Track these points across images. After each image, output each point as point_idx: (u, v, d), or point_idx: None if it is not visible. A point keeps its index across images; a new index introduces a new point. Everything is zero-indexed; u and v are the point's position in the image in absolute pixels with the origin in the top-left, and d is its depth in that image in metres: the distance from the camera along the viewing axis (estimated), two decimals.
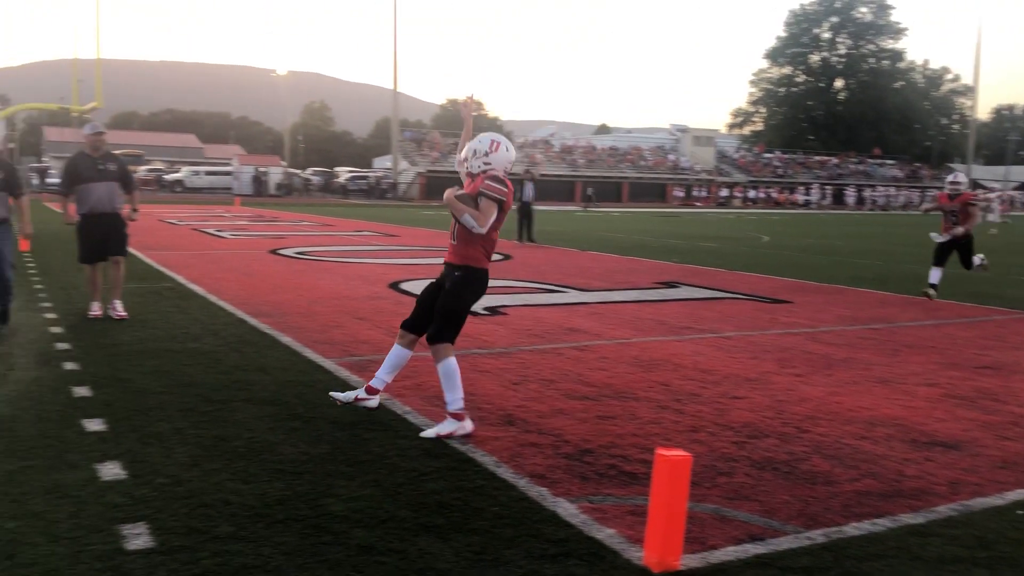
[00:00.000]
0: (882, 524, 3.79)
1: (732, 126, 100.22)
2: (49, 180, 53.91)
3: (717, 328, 8.74)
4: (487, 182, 4.89)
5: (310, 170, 73.52)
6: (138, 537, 3.39)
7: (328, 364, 6.59)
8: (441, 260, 5.28)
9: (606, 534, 3.57)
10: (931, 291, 11.30)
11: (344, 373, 6.30)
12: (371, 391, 5.18)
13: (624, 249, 19.11)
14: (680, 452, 3.28)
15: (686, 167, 74.57)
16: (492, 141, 5.05)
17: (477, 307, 9.57)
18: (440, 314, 4.98)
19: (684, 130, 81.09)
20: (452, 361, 4.93)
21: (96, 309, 8.39)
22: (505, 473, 4.26)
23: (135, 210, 8.65)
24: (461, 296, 4.99)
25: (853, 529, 3.72)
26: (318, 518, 3.64)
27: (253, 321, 8.40)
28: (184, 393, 5.60)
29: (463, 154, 5.15)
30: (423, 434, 4.84)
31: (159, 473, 4.11)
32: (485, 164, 5.00)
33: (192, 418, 5.04)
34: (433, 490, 4.00)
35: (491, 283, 5.24)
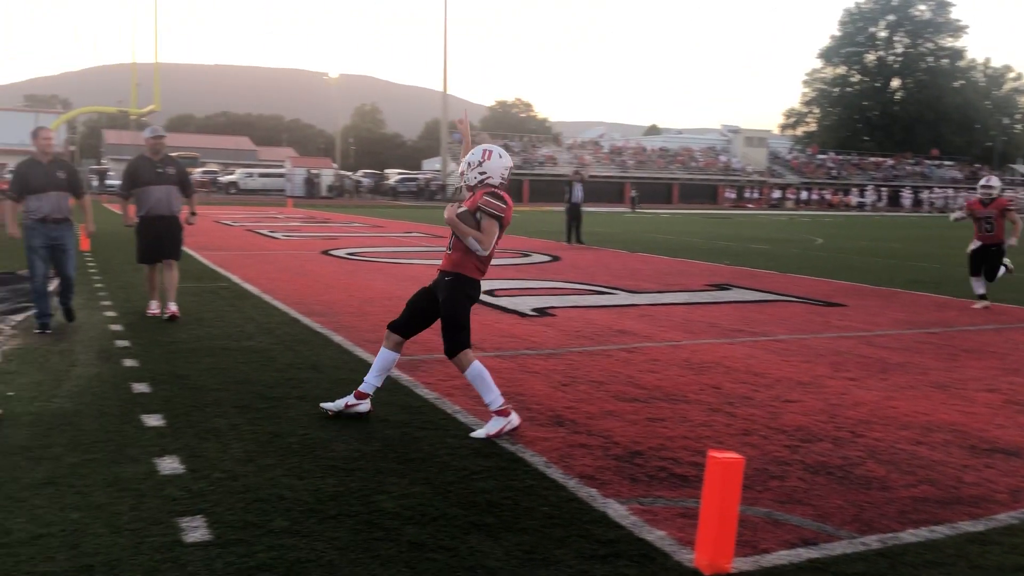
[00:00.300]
0: (940, 531, 3.71)
1: (785, 127, 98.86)
2: (108, 182, 55.27)
3: (769, 331, 8.64)
4: (486, 198, 4.91)
5: (360, 172, 74.27)
6: (196, 530, 3.47)
7: None
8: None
9: (656, 536, 3.56)
10: (981, 302, 10.75)
11: (394, 372, 6.36)
12: (360, 396, 5.18)
13: (674, 251, 18.97)
14: (732, 454, 3.25)
15: (737, 168, 73.76)
16: (484, 150, 5.04)
17: (525, 308, 9.61)
18: (445, 328, 5.04)
19: (736, 131, 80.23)
20: (476, 365, 4.98)
21: (154, 308, 8.58)
22: (555, 474, 4.26)
23: (193, 214, 8.78)
24: (458, 303, 5.03)
25: (910, 536, 3.65)
26: (370, 514, 3.68)
27: (306, 320, 8.52)
28: (240, 390, 5.71)
29: (460, 168, 5.17)
30: (474, 435, 4.87)
31: (216, 468, 4.19)
32: (480, 174, 5.00)
33: (247, 415, 5.14)
34: (483, 489, 4.02)
35: (540, 284, 5.26)
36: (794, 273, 14.52)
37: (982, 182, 11.20)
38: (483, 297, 10.40)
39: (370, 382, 5.18)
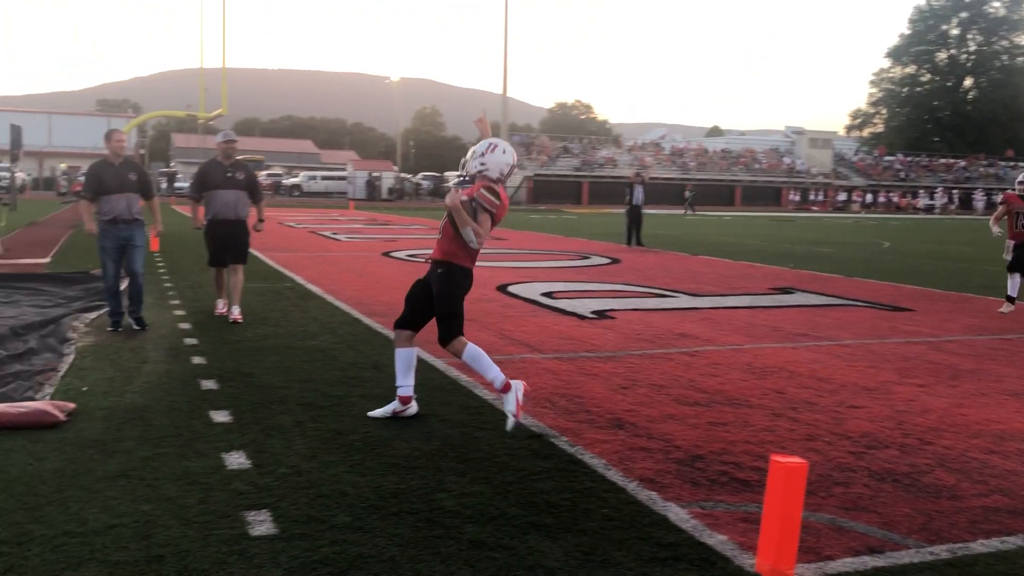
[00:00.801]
0: (1012, 542, 3.60)
1: (850, 128, 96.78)
2: (177, 184, 56.67)
3: (834, 336, 8.48)
4: (482, 191, 5.00)
5: (420, 175, 74.94)
6: (261, 524, 3.54)
7: (439, 363, 6.72)
8: (548, 264, 5.31)
9: (717, 540, 3.52)
10: (1008, 306, 10.20)
11: (454, 373, 6.41)
12: (405, 400, 5.22)
13: (737, 254, 18.73)
14: (796, 459, 3.20)
15: (802, 170, 72.52)
16: (490, 144, 5.15)
17: (585, 310, 9.60)
18: (440, 318, 5.11)
19: (800, 132, 78.89)
20: (471, 347, 5.07)
21: (221, 307, 8.78)
22: (614, 476, 4.25)
23: (261, 220, 8.79)
24: (452, 294, 5.13)
25: (980, 546, 3.55)
26: (431, 512, 3.72)
27: (367, 320, 8.63)
28: (303, 388, 5.81)
29: (467, 156, 5.26)
30: (509, 426, 4.91)
31: (281, 463, 4.28)
32: (481, 165, 5.11)
33: (311, 412, 5.23)
34: (542, 490, 4.03)
35: (599, 286, 5.26)
36: (860, 277, 14.22)
37: (1020, 177, 10.65)
38: (541, 299, 10.45)
39: (405, 384, 5.22)
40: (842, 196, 67.40)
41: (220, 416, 5.10)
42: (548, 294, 11.01)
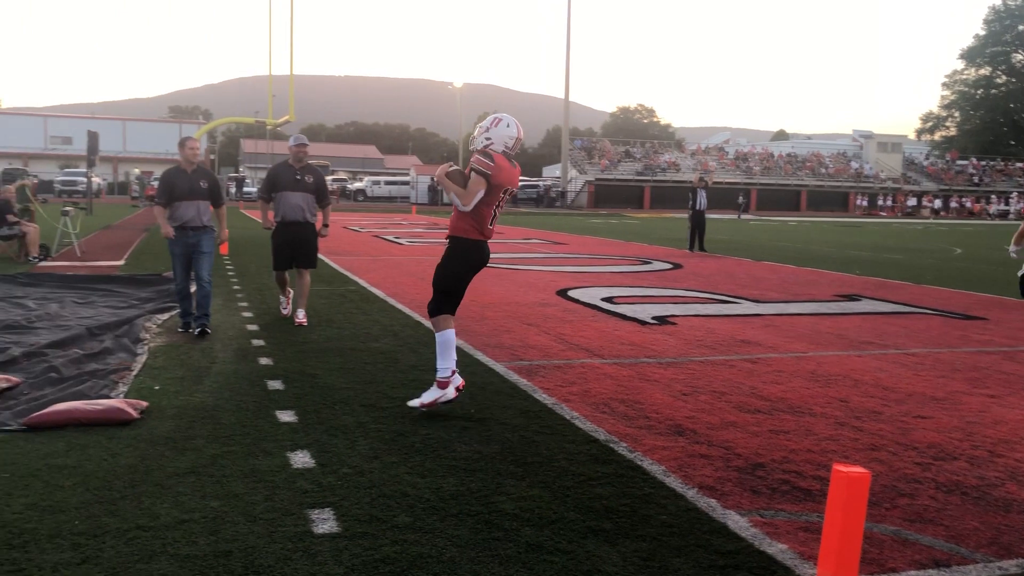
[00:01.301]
0: None
1: (921, 132, 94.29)
2: (246, 189, 57.95)
3: (901, 344, 8.29)
4: (477, 156, 5.19)
5: None
6: (325, 522, 3.63)
7: (499, 367, 6.77)
8: (608, 269, 5.34)
9: (778, 549, 3.49)
10: None
11: (513, 377, 6.45)
12: (443, 384, 5.34)
13: (802, 260, 18.43)
14: (859, 468, 3.16)
15: (870, 175, 70.98)
16: (494, 118, 5.34)
17: (645, 316, 9.56)
18: (434, 286, 5.39)
19: (868, 136, 77.23)
20: (448, 333, 5.31)
21: (286, 306, 8.94)
22: (674, 483, 4.24)
23: (325, 225, 8.83)
24: (448, 266, 5.32)
25: None
26: (490, 514, 3.76)
27: (429, 324, 8.71)
28: (366, 390, 5.91)
29: (474, 132, 5.47)
30: (410, 403, 5.27)
31: (344, 463, 4.37)
32: (486, 139, 5.29)
33: (373, 413, 5.32)
34: (601, 495, 4.04)
35: (661, 291, 5.25)
36: (930, 284, 13.87)
37: None
38: (601, 304, 10.43)
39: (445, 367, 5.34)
40: (912, 201, 65.75)
41: (286, 416, 5.22)
42: (609, 299, 10.98)
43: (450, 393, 5.30)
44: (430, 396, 5.30)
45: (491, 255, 5.59)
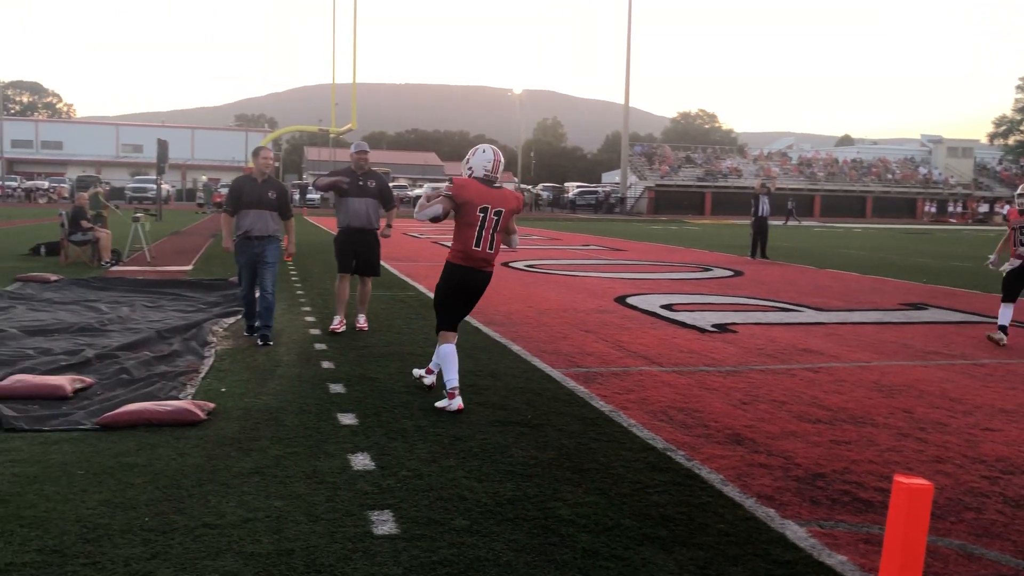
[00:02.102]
0: None
1: (994, 136, 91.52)
2: (309, 196, 58.97)
3: (969, 354, 8.09)
4: (448, 183, 5.74)
5: (540, 185, 75.37)
6: (384, 523, 3.69)
7: (555, 374, 6.79)
8: (668, 275, 5.33)
9: (837, 560, 3.45)
10: (997, 335, 8.78)
11: (571, 384, 6.46)
12: (450, 395, 5.63)
13: (866, 267, 18.07)
14: (921, 480, 3.11)
15: (939, 181, 69.21)
16: (473, 149, 5.89)
17: (705, 323, 9.48)
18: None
19: (937, 141, 75.32)
20: (444, 348, 5.70)
21: (337, 323, 8.52)
22: (731, 492, 4.21)
23: (388, 226, 8.82)
24: (438, 287, 5.92)
25: None
26: (546, 520, 3.79)
27: (486, 329, 8.80)
28: (424, 394, 5.99)
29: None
30: (437, 404, 5.62)
31: (403, 466, 4.44)
32: (468, 168, 5.80)
33: (431, 417, 5.39)
34: (657, 503, 4.04)
35: (721, 299, 5.22)
36: (1000, 293, 13.45)
37: (1020, 190, 9.02)
38: (660, 311, 10.38)
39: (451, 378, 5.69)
40: (983, 207, 63.89)
41: (347, 419, 5.32)
42: (668, 306, 10.92)
43: (456, 404, 5.54)
44: (440, 404, 5.62)
45: (549, 261, 5.63)
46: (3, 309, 9.32)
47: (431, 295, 11.46)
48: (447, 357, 5.64)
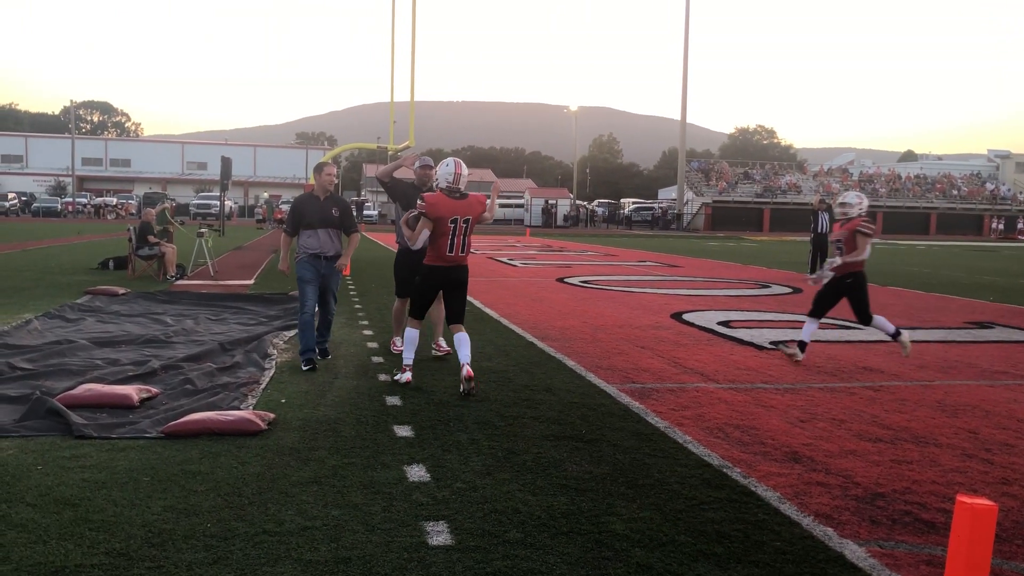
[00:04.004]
0: None
1: None
2: (366, 213, 59.76)
3: None
4: (420, 203, 6.58)
5: (596, 201, 75.25)
6: (440, 534, 3.73)
7: (610, 389, 6.77)
8: (725, 292, 5.29)
9: None
10: (789, 349, 8.34)
11: (625, 399, 6.44)
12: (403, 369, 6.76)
13: (930, 285, 17.66)
14: (985, 500, 3.04)
15: (1007, 197, 67.33)
16: (441, 162, 6.87)
17: (763, 340, 9.37)
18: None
19: (1005, 156, 73.34)
20: (411, 332, 6.80)
21: (399, 345, 8.22)
22: (788, 510, 4.16)
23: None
24: (416, 284, 6.93)
25: None
26: (600, 534, 3.78)
27: (541, 344, 8.81)
28: (479, 407, 6.03)
29: None
30: (395, 376, 6.80)
31: (457, 478, 4.48)
32: (435, 183, 6.86)
33: (486, 431, 5.42)
34: (713, 519, 4.01)
35: (779, 316, 5.15)
36: None
37: (840, 199, 8.56)
38: (716, 327, 10.29)
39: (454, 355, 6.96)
40: None
41: (403, 431, 5.38)
42: (725, 323, 10.82)
43: (405, 376, 6.69)
44: (396, 376, 6.85)
45: (604, 277, 5.67)
46: (73, 321, 9.64)
47: (487, 310, 11.58)
48: (411, 340, 6.78)
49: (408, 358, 6.75)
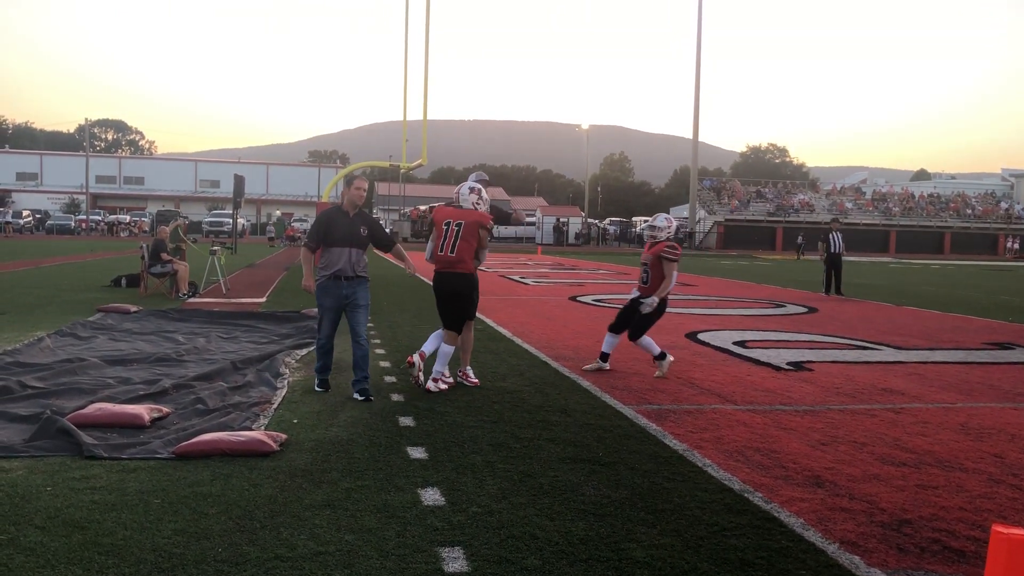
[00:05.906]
0: None
1: None
2: (391, 230, 59.91)
3: None
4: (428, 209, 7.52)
5: (607, 220, 75.21)
6: (455, 560, 3.63)
7: (626, 411, 6.67)
8: (740, 311, 5.20)
9: None
10: (597, 363, 8.52)
11: (642, 421, 6.34)
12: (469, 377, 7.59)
13: (947, 305, 17.49)
14: (1021, 531, 2.93)
15: (1022, 216, 66.92)
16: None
17: (780, 361, 9.26)
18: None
19: (1020, 175, 73.01)
20: (446, 348, 7.39)
21: (472, 376, 7.73)
22: (813, 536, 4.05)
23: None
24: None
25: None
26: (620, 562, 3.68)
27: (555, 364, 8.72)
28: (494, 429, 5.94)
29: None
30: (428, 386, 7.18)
31: (473, 502, 4.38)
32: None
33: (501, 453, 5.33)
34: (735, 546, 3.90)
35: (796, 336, 5.06)
36: None
37: (650, 221, 8.67)
38: (732, 347, 10.17)
39: (439, 370, 7.34)
40: None
41: (416, 452, 5.29)
42: (740, 343, 10.70)
43: (437, 387, 7.24)
44: (429, 385, 7.26)
45: (617, 296, 5.62)
46: (85, 339, 9.61)
47: (499, 328, 11.50)
48: (444, 355, 7.33)
49: (440, 369, 7.36)
